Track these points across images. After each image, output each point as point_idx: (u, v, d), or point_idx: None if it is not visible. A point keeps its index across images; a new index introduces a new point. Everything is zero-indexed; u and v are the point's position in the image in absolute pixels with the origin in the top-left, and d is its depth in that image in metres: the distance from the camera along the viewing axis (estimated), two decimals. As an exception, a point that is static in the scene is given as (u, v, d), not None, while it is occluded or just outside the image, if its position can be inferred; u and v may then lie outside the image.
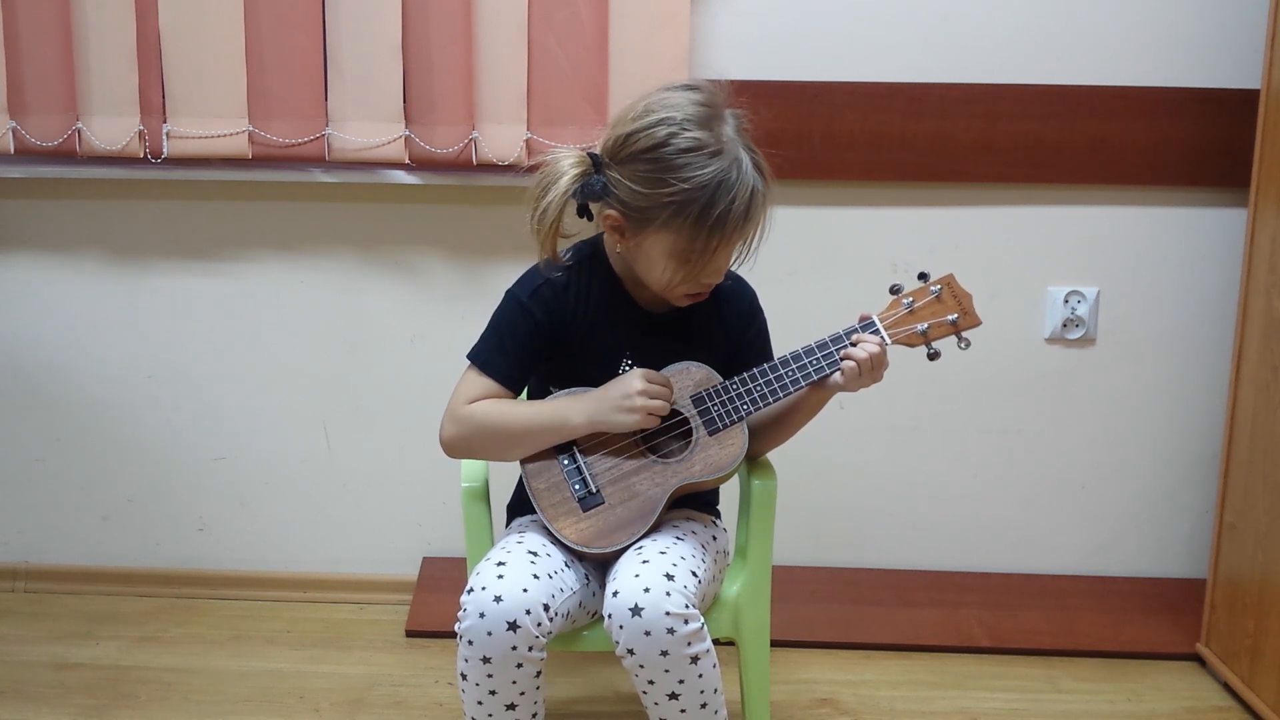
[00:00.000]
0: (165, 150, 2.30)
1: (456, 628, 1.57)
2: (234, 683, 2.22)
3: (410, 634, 2.41)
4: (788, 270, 2.41)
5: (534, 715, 1.63)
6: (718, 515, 1.87)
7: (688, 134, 1.56)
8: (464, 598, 1.57)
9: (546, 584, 1.59)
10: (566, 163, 1.62)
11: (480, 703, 1.60)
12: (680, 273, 1.61)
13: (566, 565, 1.66)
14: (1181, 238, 2.45)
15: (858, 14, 2.36)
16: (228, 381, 2.52)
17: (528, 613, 1.54)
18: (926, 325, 1.71)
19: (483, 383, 1.70)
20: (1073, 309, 2.47)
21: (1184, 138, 2.37)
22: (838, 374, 1.67)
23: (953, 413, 2.51)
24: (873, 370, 1.66)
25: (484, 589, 1.56)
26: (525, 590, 1.55)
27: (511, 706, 1.60)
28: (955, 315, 1.71)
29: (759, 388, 1.68)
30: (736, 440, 1.68)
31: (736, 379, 1.69)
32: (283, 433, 2.53)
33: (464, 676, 1.59)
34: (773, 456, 1.83)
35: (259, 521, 2.57)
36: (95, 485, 2.57)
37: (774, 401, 1.69)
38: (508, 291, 1.72)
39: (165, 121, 2.30)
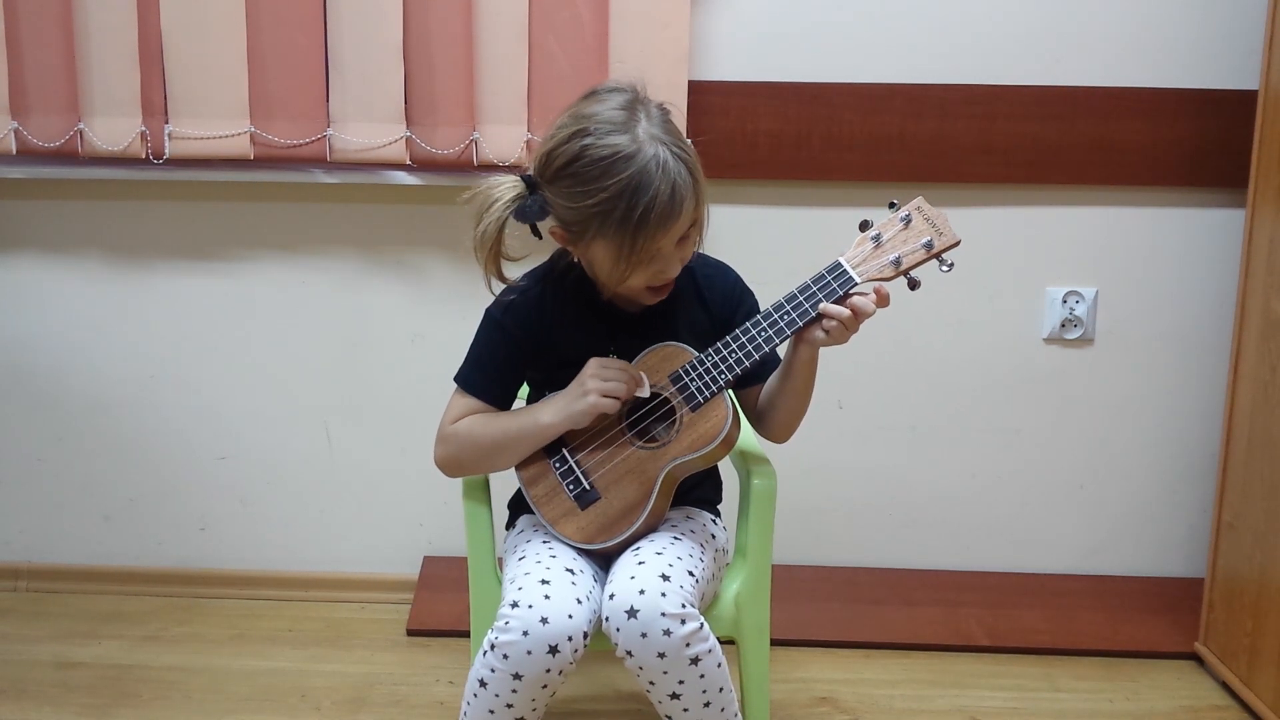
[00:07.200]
0: (167, 151, 2.31)
1: (492, 638, 1.55)
2: (235, 682, 2.22)
3: (411, 633, 2.42)
4: (787, 270, 2.39)
5: None
6: (718, 514, 1.87)
7: (602, 142, 1.55)
8: (506, 610, 1.55)
9: (587, 608, 1.58)
10: (500, 188, 1.63)
11: (492, 711, 1.58)
12: (628, 273, 1.60)
13: (595, 579, 1.66)
14: (1180, 238, 2.45)
15: (857, 14, 2.36)
16: (229, 381, 2.52)
17: (569, 639, 1.53)
18: (898, 255, 1.63)
19: (465, 402, 1.74)
20: (1071, 309, 2.47)
21: (1182, 138, 2.38)
22: (820, 331, 1.63)
23: (952, 413, 2.52)
24: (855, 320, 1.62)
25: (530, 607, 1.54)
26: (570, 616, 1.54)
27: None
28: (929, 238, 1.63)
29: (733, 354, 1.65)
30: (719, 412, 1.65)
31: (710, 349, 1.66)
32: (284, 432, 2.54)
33: (483, 684, 1.56)
34: (773, 457, 1.83)
35: (260, 521, 2.58)
36: (97, 485, 2.57)
37: (750, 364, 1.64)
38: (486, 310, 1.74)
39: (167, 122, 2.31)
